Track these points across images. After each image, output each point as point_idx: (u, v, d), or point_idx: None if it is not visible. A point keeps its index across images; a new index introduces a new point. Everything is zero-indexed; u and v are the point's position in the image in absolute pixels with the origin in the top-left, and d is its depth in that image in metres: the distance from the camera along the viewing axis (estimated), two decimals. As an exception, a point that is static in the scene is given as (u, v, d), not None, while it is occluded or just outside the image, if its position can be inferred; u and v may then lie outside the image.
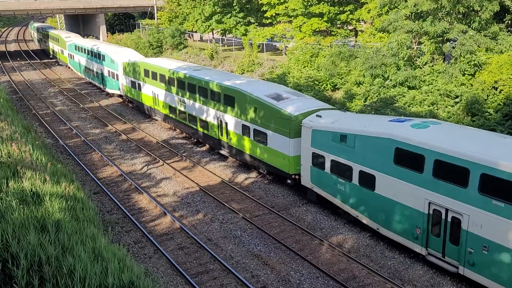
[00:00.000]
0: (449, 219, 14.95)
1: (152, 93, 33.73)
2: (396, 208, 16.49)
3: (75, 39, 58.55)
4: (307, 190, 20.87)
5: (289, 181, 22.00)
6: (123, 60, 39.43)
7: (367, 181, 17.38)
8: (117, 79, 40.77)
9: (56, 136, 31.85)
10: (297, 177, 21.48)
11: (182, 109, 29.76)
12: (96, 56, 45.64)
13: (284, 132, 21.32)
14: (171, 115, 31.58)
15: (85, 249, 12.69)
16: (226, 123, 25.45)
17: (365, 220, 18.03)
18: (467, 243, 14.42)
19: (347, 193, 18.47)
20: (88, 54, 48.47)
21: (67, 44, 56.89)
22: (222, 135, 26.21)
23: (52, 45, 68.43)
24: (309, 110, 21.25)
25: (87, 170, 25.33)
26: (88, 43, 50.67)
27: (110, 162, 26.52)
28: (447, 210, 14.92)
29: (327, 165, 19.15)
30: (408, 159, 15.78)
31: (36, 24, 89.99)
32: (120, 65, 39.52)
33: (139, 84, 35.82)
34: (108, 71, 42.74)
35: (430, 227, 15.59)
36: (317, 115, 20.25)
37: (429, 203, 15.35)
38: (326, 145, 19.02)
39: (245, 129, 24.04)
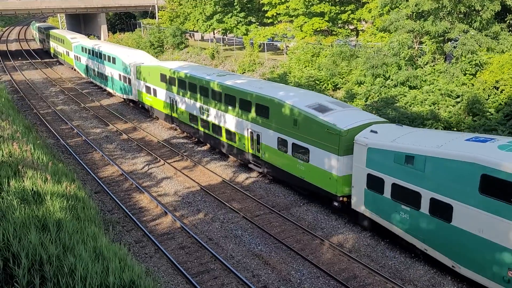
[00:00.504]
0: None
1: (170, 100, 31.57)
2: (481, 245, 13.97)
3: (82, 40, 56.43)
4: (358, 215, 18.43)
5: (335, 204, 19.35)
6: (136, 63, 37.06)
7: (441, 211, 14.93)
8: (129, 83, 38.31)
9: (57, 135, 31.87)
10: (345, 199, 18.94)
11: (204, 118, 27.59)
12: (106, 58, 43.23)
13: (331, 149, 18.90)
14: (191, 124, 29.42)
15: (86, 248, 12.70)
16: (258, 135, 23.22)
17: (436, 255, 15.54)
18: None
19: (412, 223, 15.94)
20: (96, 56, 46.02)
21: (73, 45, 54.62)
22: (252, 148, 23.91)
23: (56, 46, 66.56)
24: (361, 124, 18.82)
25: (88, 170, 25.34)
26: (96, 44, 48.07)
27: (111, 162, 26.53)
28: None
29: (387, 189, 16.62)
30: (500, 189, 13.31)
31: (38, 24, 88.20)
32: (133, 69, 37.13)
33: (154, 90, 33.53)
34: (119, 74, 40.31)
35: None
36: (372, 131, 17.78)
37: None
38: (386, 166, 16.53)
39: (281, 143, 21.72)
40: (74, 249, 12.30)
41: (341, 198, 19.01)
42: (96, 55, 45.95)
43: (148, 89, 34.61)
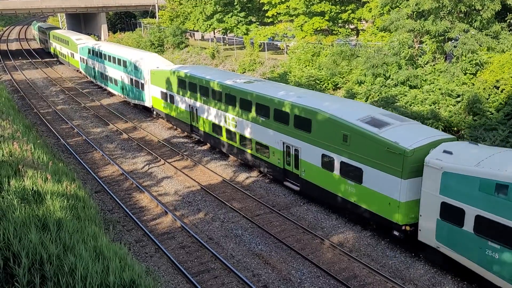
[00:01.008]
0: None
1: (190, 108, 29.25)
2: None
3: (88, 41, 53.81)
4: (427, 248, 16.13)
5: (395, 233, 16.98)
6: (150, 67, 34.49)
7: None
8: (143, 89, 35.81)
9: (57, 135, 31.88)
10: (408, 228, 16.66)
11: (231, 128, 25.28)
12: (116, 61, 40.67)
13: (392, 171, 16.58)
14: (214, 134, 27.20)
15: (86, 247, 12.71)
16: (297, 151, 20.89)
17: None
18: None
19: (507, 265, 13.50)
20: (105, 59, 43.39)
21: (79, 47, 51.94)
22: (289, 164, 21.64)
23: (59, 48, 63.83)
24: (428, 142, 16.53)
25: (89, 169, 25.35)
26: (105, 47, 45.31)
27: (111, 161, 26.54)
28: None
29: (469, 222, 14.24)
30: None
31: (40, 24, 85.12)
32: (147, 73, 34.64)
33: (171, 96, 31.15)
34: (131, 79, 37.69)
35: None
36: (445, 151, 15.41)
37: None
38: (468, 194, 14.21)
39: (327, 161, 19.36)
40: (74, 249, 12.30)
41: (403, 227, 16.67)
42: (105, 57, 43.50)
43: (164, 95, 32.22)
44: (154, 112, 35.37)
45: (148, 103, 35.62)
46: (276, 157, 22.32)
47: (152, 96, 34.44)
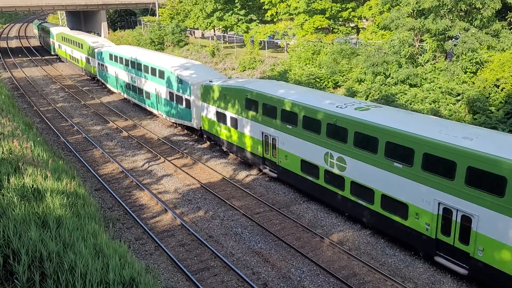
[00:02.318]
0: None
1: (262, 136, 23.07)
2: None
3: (105, 43, 48.17)
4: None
5: None
6: (199, 81, 28.48)
7: None
8: (188, 106, 29.33)
9: (57, 132, 31.87)
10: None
11: (335, 171, 19.23)
12: (149, 71, 34.19)
13: None
14: (302, 174, 21.07)
15: (86, 245, 12.72)
16: (469, 219, 14.56)
17: None
18: None
19: None
20: (133, 67, 36.90)
21: (97, 51, 44.92)
22: (445, 233, 15.37)
23: (71, 51, 56.69)
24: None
25: (88, 167, 25.35)
26: (132, 52, 38.47)
27: (111, 159, 26.54)
28: None
29: None
30: None
31: (45, 25, 77.18)
32: (196, 88, 28.34)
33: (233, 119, 24.95)
34: (171, 93, 31.24)
35: None
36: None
37: None
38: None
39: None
40: (74, 246, 12.31)
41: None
42: (133, 65, 36.94)
43: (221, 117, 26.08)
44: (204, 136, 28.81)
45: (195, 124, 29.17)
46: (420, 220, 16.06)
47: (202, 116, 28.13)
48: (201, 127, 28.76)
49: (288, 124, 21.34)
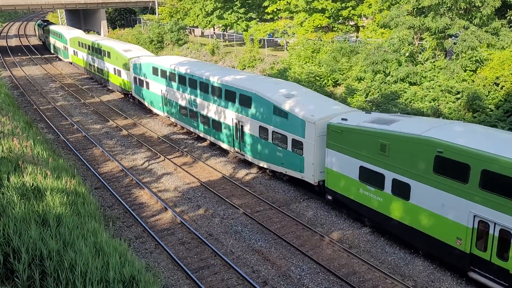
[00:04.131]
0: None
1: (473, 220, 14.48)
2: None
3: (143, 53, 40.04)
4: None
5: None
6: (321, 117, 20.08)
7: None
8: (296, 150, 21.06)
9: (57, 131, 31.88)
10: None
11: None
12: (223, 94, 25.68)
13: None
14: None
15: (86, 243, 12.74)
16: None
17: None
18: None
19: None
20: (195, 87, 28.27)
21: (132, 63, 36.77)
22: None
23: (94, 60, 47.78)
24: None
25: (88, 165, 25.36)
26: (188, 66, 30.08)
27: (111, 157, 26.55)
28: None
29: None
30: None
31: (56, 27, 66.45)
32: (316, 128, 19.91)
33: (403, 186, 16.47)
34: (262, 128, 22.97)
35: None
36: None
37: None
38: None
39: None
40: (74, 244, 12.33)
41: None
42: (193, 84, 28.49)
43: (371, 176, 17.74)
44: (328, 196, 20.08)
45: (311, 177, 20.68)
46: None
47: (328, 168, 19.69)
48: (320, 182, 20.52)
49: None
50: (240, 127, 24.86)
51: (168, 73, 31.40)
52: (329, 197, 20.11)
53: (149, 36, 61.59)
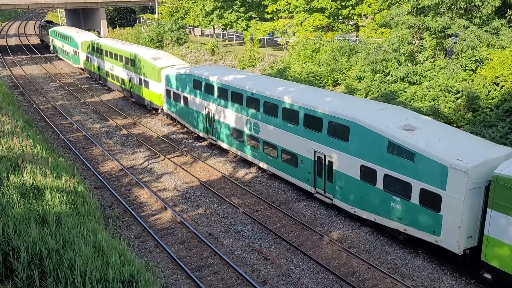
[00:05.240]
0: None
1: None
2: None
3: (175, 62, 34.57)
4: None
5: None
6: (474, 165, 14.46)
7: None
8: (429, 203, 15.69)
9: (57, 130, 31.87)
10: None
11: None
12: (300, 119, 20.66)
13: None
14: None
15: (86, 243, 12.75)
16: None
17: None
18: None
19: None
20: (257, 109, 23.10)
21: (165, 73, 31.35)
22: None
23: (109, 67, 42.54)
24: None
25: (88, 165, 25.36)
26: (245, 80, 24.92)
27: (111, 157, 26.54)
28: None
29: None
30: None
31: (72, 33, 55.91)
32: (466, 180, 14.38)
33: None
34: (365, 168, 17.79)
35: None
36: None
37: None
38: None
39: None
40: (74, 244, 12.34)
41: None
42: (253, 104, 23.36)
43: None
44: (487, 274, 14.45)
45: (454, 243, 15.14)
46: None
47: (489, 237, 14.22)
48: (463, 249, 15.11)
49: None
50: (326, 163, 19.65)
51: (216, 88, 25.97)
52: (488, 276, 14.40)
53: (149, 35, 61.58)
